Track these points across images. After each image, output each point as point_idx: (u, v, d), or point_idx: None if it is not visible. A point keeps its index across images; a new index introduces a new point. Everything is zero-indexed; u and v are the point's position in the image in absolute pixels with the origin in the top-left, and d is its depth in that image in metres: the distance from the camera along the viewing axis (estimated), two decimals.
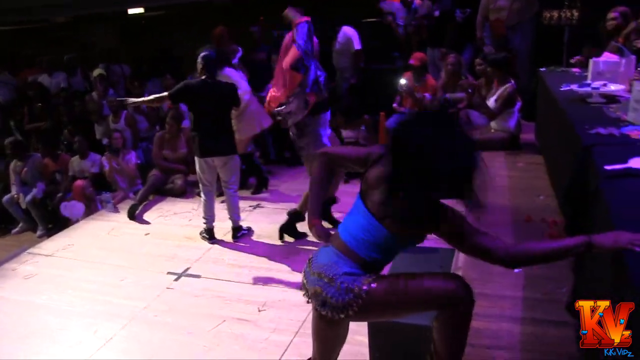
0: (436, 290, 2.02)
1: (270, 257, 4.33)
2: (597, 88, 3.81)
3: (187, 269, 4.27)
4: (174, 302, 3.79)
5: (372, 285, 2.01)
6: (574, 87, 4.02)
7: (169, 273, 4.21)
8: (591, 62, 4.26)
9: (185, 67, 8.30)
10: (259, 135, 6.34)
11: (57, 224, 6.27)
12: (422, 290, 2.03)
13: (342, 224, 2.20)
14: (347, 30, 7.39)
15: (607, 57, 4.44)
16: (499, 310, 3.11)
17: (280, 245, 4.55)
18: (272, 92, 4.27)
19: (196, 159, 4.62)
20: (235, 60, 5.88)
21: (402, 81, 6.19)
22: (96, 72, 8.34)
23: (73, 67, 9.60)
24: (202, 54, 4.51)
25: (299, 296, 3.70)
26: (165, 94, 4.67)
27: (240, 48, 6.11)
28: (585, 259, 2.43)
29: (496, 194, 4.40)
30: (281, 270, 4.11)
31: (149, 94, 7.49)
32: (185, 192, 5.97)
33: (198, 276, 4.15)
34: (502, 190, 4.52)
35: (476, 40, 7.11)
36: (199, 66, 4.50)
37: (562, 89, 4.29)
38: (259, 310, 3.58)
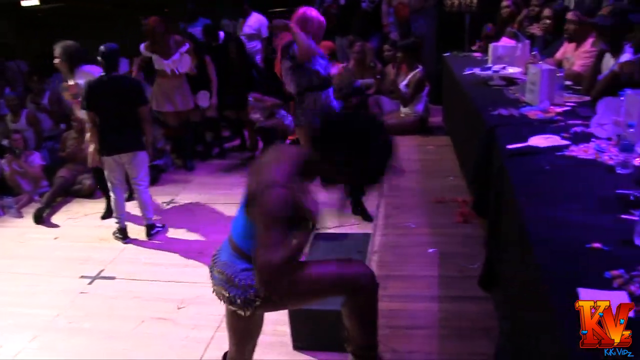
0: (338, 276, 2.04)
1: (186, 254, 4.24)
2: (497, 71, 3.99)
3: (101, 271, 4.10)
4: (89, 306, 3.63)
5: None
6: (476, 70, 4.19)
7: (82, 277, 4.03)
8: (491, 47, 4.45)
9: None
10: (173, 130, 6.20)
11: None
12: (325, 278, 2.03)
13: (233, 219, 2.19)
14: (260, 17, 7.39)
15: (505, 42, 4.65)
16: (416, 290, 3.20)
17: (195, 241, 4.47)
18: None
19: (103, 157, 4.44)
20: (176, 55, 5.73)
21: None
22: None
23: None
24: (100, 49, 4.32)
25: None
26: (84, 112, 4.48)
27: (187, 43, 5.91)
28: (496, 234, 2.54)
29: (408, 177, 4.51)
30: (198, 267, 4.03)
31: (51, 91, 7.15)
32: (95, 192, 5.72)
33: (113, 278, 4.00)
34: (414, 174, 4.64)
35: (382, 28, 7.25)
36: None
37: (465, 73, 4.45)
38: (178, 308, 3.51)
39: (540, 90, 3.13)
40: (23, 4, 11.01)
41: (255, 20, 7.40)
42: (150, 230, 4.60)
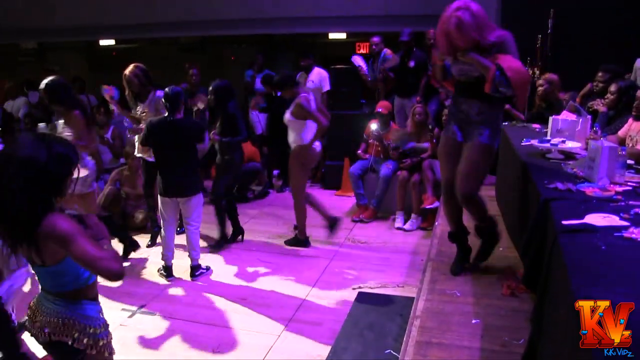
0: None
1: (227, 298, 4.27)
2: (556, 145, 3.93)
3: (143, 305, 4.16)
4: (126, 339, 3.68)
5: None
6: (534, 142, 4.14)
7: (123, 309, 4.10)
8: (551, 119, 4.40)
9: None
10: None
11: None
12: None
13: None
14: (321, 72, 7.59)
15: (566, 115, 4.60)
16: None
17: (238, 286, 4.49)
18: None
19: (159, 195, 4.58)
20: None
21: (374, 126, 6.28)
22: None
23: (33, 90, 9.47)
24: (165, 91, 4.51)
25: (253, 339, 3.65)
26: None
27: None
28: (544, 310, 2.45)
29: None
30: (237, 312, 4.05)
31: (115, 126, 7.46)
32: (146, 227, 5.86)
33: (153, 314, 4.05)
34: None
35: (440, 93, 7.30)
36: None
37: (522, 144, 4.41)
38: (214, 352, 3.51)
39: (600, 167, 3.06)
40: (101, 42, 11.70)
41: (316, 74, 7.61)
42: (195, 271, 4.66)
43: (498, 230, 3.90)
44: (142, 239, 5.59)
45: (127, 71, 5.16)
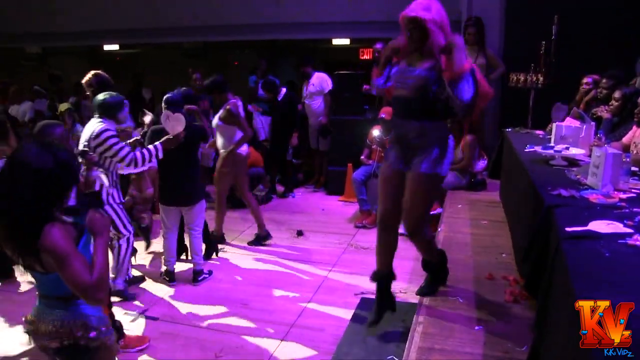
0: None
1: (229, 303, 4.26)
2: (560, 151, 3.92)
3: (145, 310, 4.16)
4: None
5: None
6: (538, 148, 4.13)
7: (125, 314, 4.09)
8: (555, 126, 4.40)
9: (155, 106, 8.36)
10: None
11: None
12: None
13: None
14: (320, 74, 7.62)
15: (570, 122, 4.59)
16: None
17: (239, 291, 4.48)
18: None
19: (160, 203, 4.59)
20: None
21: (376, 132, 6.28)
22: (64, 105, 8.22)
23: (41, 97, 9.50)
24: (165, 97, 4.51)
25: (255, 344, 3.64)
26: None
27: None
28: (546, 315, 2.44)
29: (460, 251, 4.42)
30: (239, 317, 4.04)
31: None
32: (152, 230, 5.86)
33: (156, 318, 4.05)
34: (465, 246, 4.55)
35: None
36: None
37: (526, 150, 4.40)
38: (216, 356, 3.50)
39: (604, 174, 3.05)
40: (105, 47, 11.75)
41: (316, 77, 7.65)
42: (197, 276, 4.66)
43: (447, 267, 3.80)
44: (144, 244, 5.60)
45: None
